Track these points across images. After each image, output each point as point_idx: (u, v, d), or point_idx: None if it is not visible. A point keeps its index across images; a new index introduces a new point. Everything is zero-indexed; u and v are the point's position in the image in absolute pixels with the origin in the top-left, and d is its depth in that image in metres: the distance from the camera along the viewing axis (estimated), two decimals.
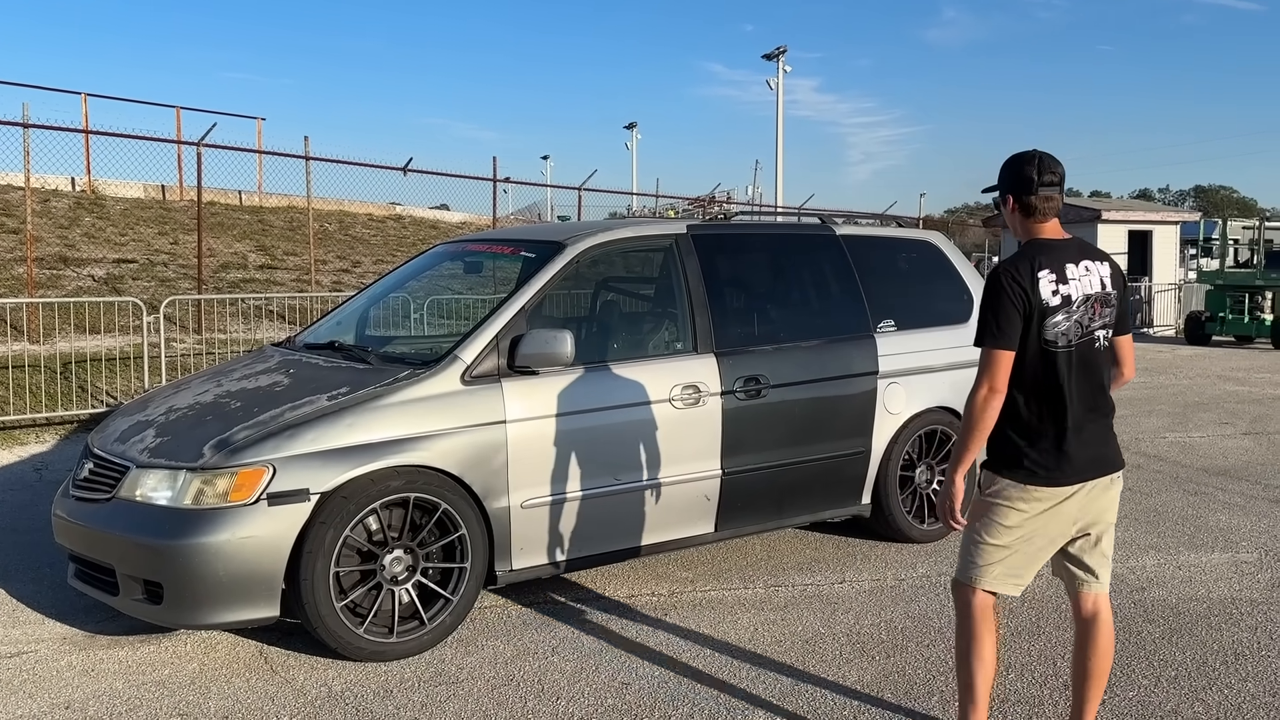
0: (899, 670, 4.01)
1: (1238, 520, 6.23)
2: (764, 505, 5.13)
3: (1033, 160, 3.04)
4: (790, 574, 5.20)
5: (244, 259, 18.67)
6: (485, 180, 15.27)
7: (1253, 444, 8.74)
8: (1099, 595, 3.22)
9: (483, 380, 4.24)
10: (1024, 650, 4.20)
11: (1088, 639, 3.24)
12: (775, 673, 3.98)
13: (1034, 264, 2.99)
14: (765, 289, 5.49)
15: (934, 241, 6.20)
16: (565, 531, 4.47)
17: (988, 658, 3.17)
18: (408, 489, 3.99)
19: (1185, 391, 12.26)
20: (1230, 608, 4.68)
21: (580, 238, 4.77)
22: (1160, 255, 22.19)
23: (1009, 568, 3.13)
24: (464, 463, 4.11)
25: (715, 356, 4.91)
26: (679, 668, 4.01)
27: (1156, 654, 4.15)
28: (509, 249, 5.03)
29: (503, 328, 4.34)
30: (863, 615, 4.61)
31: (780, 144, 30.90)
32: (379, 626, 4.03)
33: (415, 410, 4.06)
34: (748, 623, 4.51)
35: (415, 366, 4.26)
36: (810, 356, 5.26)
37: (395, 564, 4.05)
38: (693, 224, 5.22)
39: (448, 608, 4.14)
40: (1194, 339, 19.15)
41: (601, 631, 4.38)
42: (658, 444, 4.68)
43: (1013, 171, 3.07)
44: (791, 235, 5.69)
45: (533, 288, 4.49)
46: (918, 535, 5.68)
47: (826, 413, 5.29)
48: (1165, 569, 5.26)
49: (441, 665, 4.01)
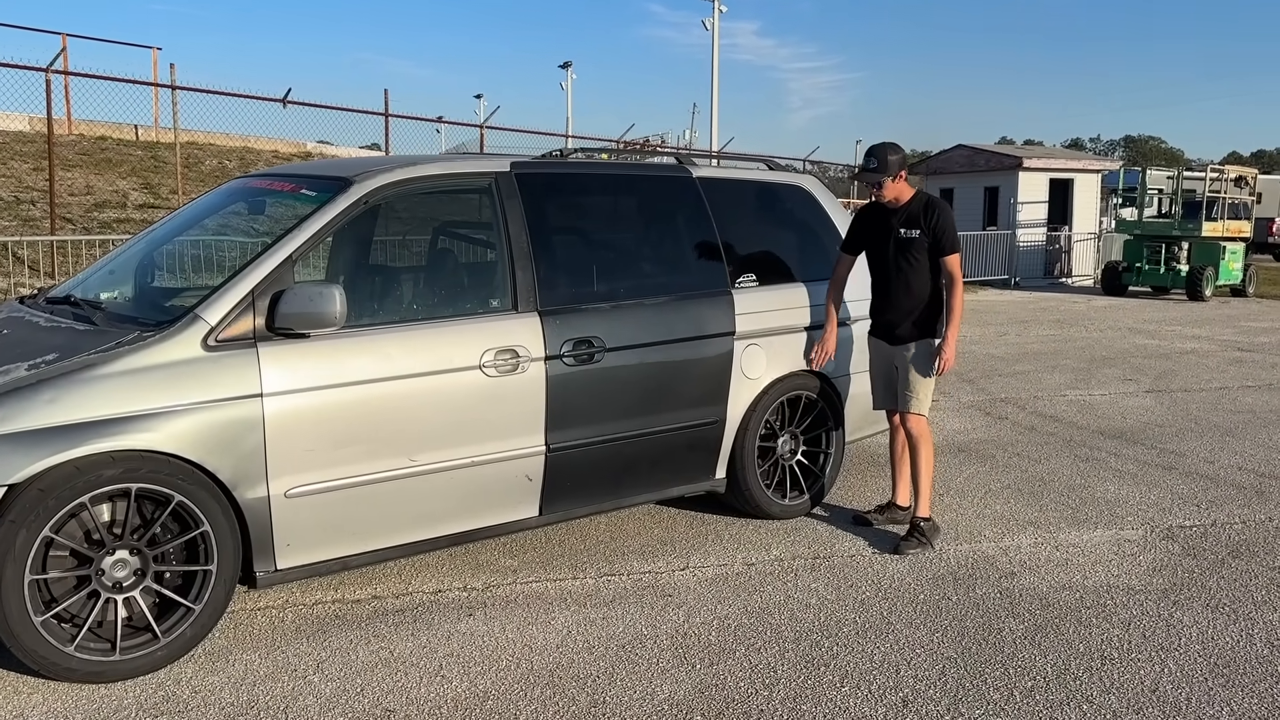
0: (718, 682, 3.46)
1: (1127, 491, 5.80)
2: (598, 484, 4.52)
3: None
4: (629, 560, 4.62)
5: (124, 197, 17.49)
6: (377, 115, 14.27)
7: (1154, 403, 8.38)
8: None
9: (232, 345, 3.53)
10: (868, 653, 3.67)
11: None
12: (574, 689, 3.39)
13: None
14: (604, 238, 4.82)
15: (806, 186, 5.58)
16: (347, 523, 3.81)
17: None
18: (127, 479, 3.28)
19: (1094, 345, 11.94)
20: (1105, 598, 4.22)
21: (371, 174, 4.03)
22: (1081, 204, 21.97)
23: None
24: (204, 446, 3.42)
25: (539, 316, 4.26)
26: (458, 688, 3.40)
27: (1015, 659, 3.66)
28: (289, 186, 4.27)
29: (260, 282, 3.61)
30: (696, 611, 4.05)
31: (715, 87, 29.94)
32: (100, 641, 3.35)
33: (139, 382, 3.33)
34: (563, 623, 3.92)
35: (145, 328, 3.52)
36: (655, 316, 4.63)
37: (118, 568, 3.36)
38: (517, 161, 4.51)
39: (189, 618, 3.47)
40: (1110, 289, 19.00)
41: (385, 639, 3.75)
42: (465, 418, 4.03)
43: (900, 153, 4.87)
44: (638, 177, 5.00)
45: (304, 233, 3.76)
46: (778, 512, 5.13)
47: (673, 379, 4.68)
48: (1041, 550, 4.79)
49: (174, 688, 3.35)
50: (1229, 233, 18.71)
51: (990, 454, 6.63)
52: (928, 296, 4.85)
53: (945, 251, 4.81)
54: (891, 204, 4.86)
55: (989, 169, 21.62)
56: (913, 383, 4.85)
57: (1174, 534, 5.05)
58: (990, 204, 21.67)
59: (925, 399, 4.88)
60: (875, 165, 4.77)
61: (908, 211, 4.84)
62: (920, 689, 3.42)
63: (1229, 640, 3.82)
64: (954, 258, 4.83)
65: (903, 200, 4.85)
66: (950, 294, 4.84)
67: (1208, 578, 4.46)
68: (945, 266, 4.83)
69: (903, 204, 4.85)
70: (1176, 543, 4.92)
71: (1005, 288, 20.35)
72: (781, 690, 3.41)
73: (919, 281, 4.83)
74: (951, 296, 4.84)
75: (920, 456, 4.88)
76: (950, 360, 4.80)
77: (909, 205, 4.85)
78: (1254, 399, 8.58)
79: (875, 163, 4.77)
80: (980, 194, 21.77)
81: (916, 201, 4.86)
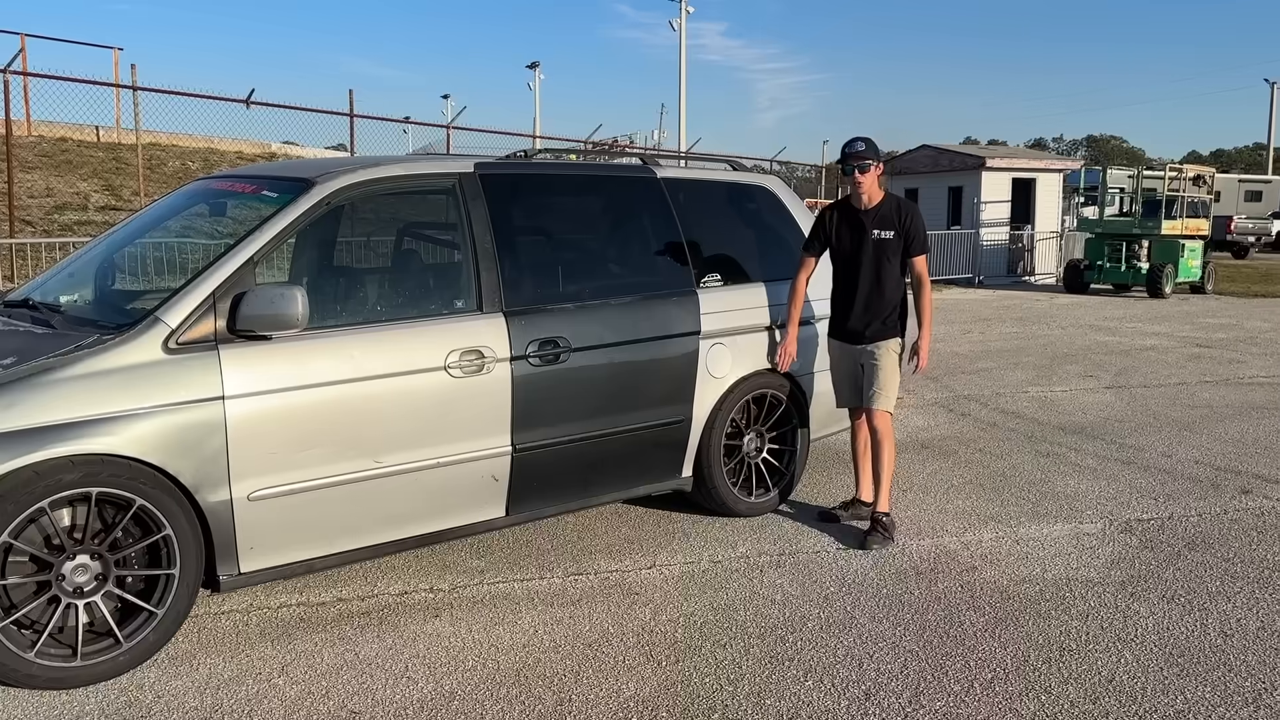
0: (684, 679, 3.48)
1: (1086, 485, 5.89)
2: (565, 484, 4.54)
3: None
4: (597, 559, 4.64)
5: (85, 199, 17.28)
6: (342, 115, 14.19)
7: (1114, 398, 8.51)
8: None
9: (194, 348, 3.51)
10: (831, 648, 3.72)
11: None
12: (541, 689, 3.41)
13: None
14: (569, 239, 4.83)
15: (770, 187, 5.62)
16: (311, 526, 3.80)
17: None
18: (87, 483, 3.25)
19: (1056, 342, 12.10)
20: (1064, 590, 4.29)
21: (334, 175, 4.02)
22: (1044, 203, 22.24)
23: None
24: (165, 449, 3.39)
25: (505, 317, 4.26)
26: (424, 689, 3.40)
27: (976, 650, 3.72)
28: (251, 187, 4.25)
29: (221, 284, 3.58)
30: (662, 609, 4.08)
31: (683, 87, 30.09)
32: (61, 647, 3.32)
33: (98, 386, 3.31)
34: (529, 623, 3.93)
35: (104, 331, 3.50)
36: (621, 316, 4.65)
37: (79, 573, 3.33)
38: (482, 162, 4.52)
39: (151, 622, 3.45)
40: (1072, 287, 19.24)
41: (350, 642, 3.75)
42: (430, 419, 4.03)
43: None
44: (603, 177, 5.02)
45: (265, 235, 3.74)
46: (744, 509, 5.17)
47: (639, 378, 4.70)
48: (1002, 544, 4.87)
49: (137, 693, 3.33)
50: (1188, 231, 19.00)
51: (953, 450, 6.72)
52: (899, 297, 4.93)
53: (916, 252, 4.89)
54: (863, 205, 4.90)
55: (953, 169, 21.84)
56: (881, 380, 4.91)
57: (1132, 527, 5.14)
58: (954, 203, 21.89)
59: (892, 396, 4.94)
60: (864, 149, 4.84)
61: (879, 213, 4.90)
62: (883, 681, 3.47)
63: (1184, 630, 3.90)
64: (923, 259, 4.92)
65: (874, 201, 4.91)
66: (919, 294, 4.92)
67: (1164, 570, 4.55)
68: (914, 267, 4.90)
69: (874, 205, 4.91)
70: (1134, 536, 5.01)
71: (969, 286, 20.57)
72: (746, 685, 3.44)
73: (891, 282, 4.91)
74: (921, 297, 4.91)
75: (883, 453, 4.94)
76: (925, 360, 4.93)
77: (880, 207, 4.91)
78: (1211, 394, 8.74)
79: (864, 146, 4.84)
80: (945, 194, 21.98)
81: (888, 203, 4.92)
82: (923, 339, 4.92)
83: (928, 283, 4.93)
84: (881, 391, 4.91)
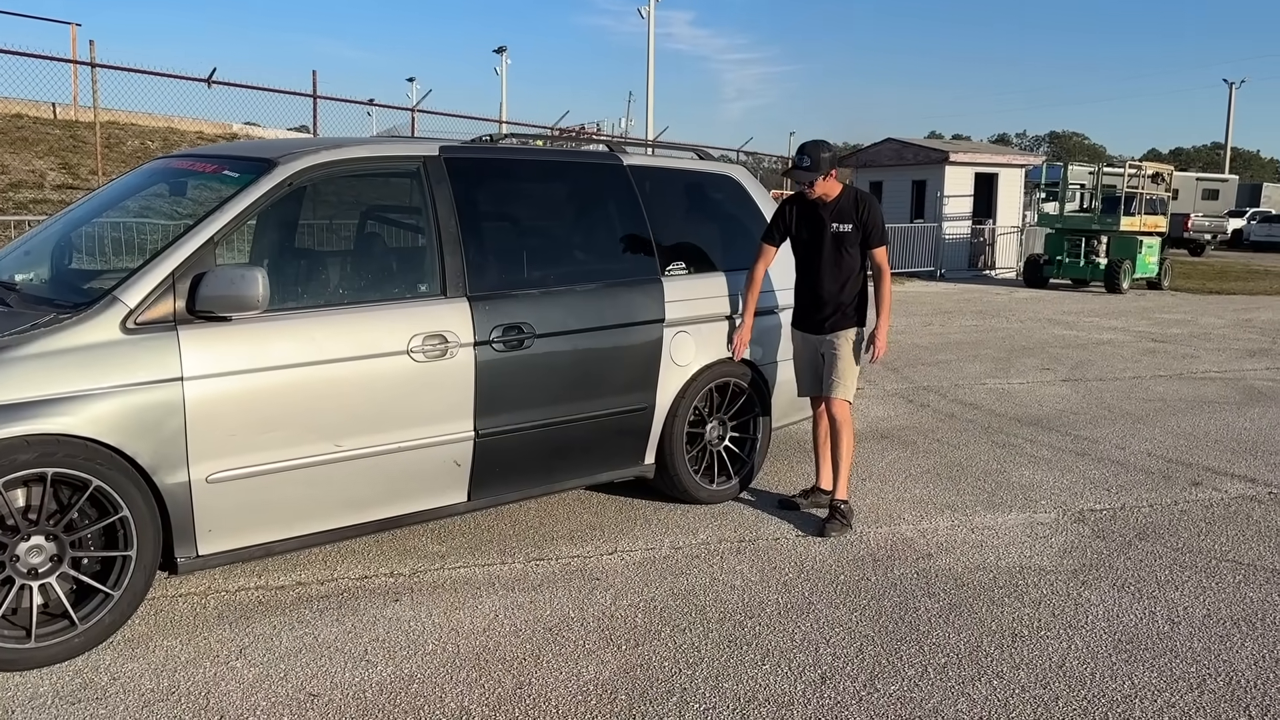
0: (643, 663, 3.51)
1: (1041, 475, 6.00)
2: (528, 470, 4.54)
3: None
4: (558, 544, 4.65)
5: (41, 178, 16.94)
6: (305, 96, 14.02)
7: (1069, 391, 8.66)
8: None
9: (152, 328, 3.47)
10: (789, 632, 3.76)
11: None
12: (500, 672, 3.42)
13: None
14: (534, 225, 4.83)
15: (735, 176, 5.65)
16: (271, 509, 3.78)
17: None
18: (42, 463, 3.22)
19: (1014, 335, 12.27)
20: (1017, 578, 4.37)
21: (296, 156, 3.99)
22: (1005, 198, 22.46)
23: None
24: (122, 430, 3.36)
25: (468, 302, 4.25)
26: (383, 672, 3.41)
27: (929, 636, 3.78)
28: (212, 167, 4.20)
29: (180, 264, 3.55)
30: (623, 593, 4.11)
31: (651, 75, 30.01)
32: (14, 629, 3.28)
33: (54, 365, 3.26)
34: (490, 607, 3.94)
35: (61, 310, 3.45)
36: (585, 302, 4.66)
37: (33, 554, 3.30)
38: (447, 145, 4.50)
39: (107, 604, 3.42)
40: (1032, 282, 19.49)
41: (309, 625, 3.74)
42: (392, 403, 4.01)
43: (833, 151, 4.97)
44: (568, 164, 5.02)
45: (226, 215, 3.70)
46: (705, 496, 5.21)
47: (603, 365, 4.71)
48: (958, 532, 4.94)
49: (93, 674, 3.30)
50: (1146, 227, 19.30)
51: (911, 440, 6.80)
52: (859, 288, 4.99)
53: (875, 244, 4.93)
54: (820, 200, 4.95)
55: (917, 163, 22.00)
56: (840, 370, 4.96)
57: (1084, 517, 5.24)
58: (918, 197, 22.06)
59: (851, 385, 5.00)
60: (808, 164, 4.85)
61: (837, 206, 4.94)
62: (838, 665, 3.52)
63: (1133, 618, 3.99)
64: (882, 250, 4.96)
65: (831, 196, 4.95)
66: (879, 285, 4.97)
67: (1115, 559, 4.64)
68: (874, 259, 4.96)
69: (831, 199, 4.95)
70: (1087, 525, 5.11)
71: (931, 279, 20.76)
72: (705, 669, 3.48)
73: (850, 274, 4.96)
74: (880, 288, 4.96)
75: (842, 441, 5.00)
76: (882, 349, 4.97)
77: (838, 200, 4.95)
78: (1165, 388, 8.91)
79: (808, 161, 4.85)
80: (908, 187, 22.15)
81: (845, 197, 4.96)
82: (880, 328, 4.97)
83: (888, 273, 4.98)
84: (840, 381, 4.97)
